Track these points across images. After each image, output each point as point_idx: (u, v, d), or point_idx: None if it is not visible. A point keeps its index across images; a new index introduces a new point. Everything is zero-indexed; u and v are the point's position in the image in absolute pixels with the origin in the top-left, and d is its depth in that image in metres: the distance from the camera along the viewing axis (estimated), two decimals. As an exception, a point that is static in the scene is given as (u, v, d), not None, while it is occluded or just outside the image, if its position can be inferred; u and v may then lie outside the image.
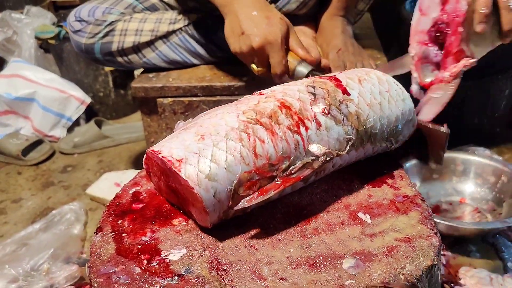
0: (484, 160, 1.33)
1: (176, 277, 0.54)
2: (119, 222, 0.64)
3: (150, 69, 1.22)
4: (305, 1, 1.13)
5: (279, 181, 0.58)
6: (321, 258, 0.55)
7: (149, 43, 1.17)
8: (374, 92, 0.66)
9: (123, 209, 0.67)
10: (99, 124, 1.84)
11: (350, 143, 0.62)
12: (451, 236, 1.17)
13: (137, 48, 1.17)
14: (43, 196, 1.53)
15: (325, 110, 0.61)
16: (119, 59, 1.19)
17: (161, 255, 0.58)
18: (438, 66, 0.80)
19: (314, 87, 0.63)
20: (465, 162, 1.35)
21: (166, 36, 1.17)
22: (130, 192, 0.71)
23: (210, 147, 0.58)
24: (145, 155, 0.65)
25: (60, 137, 1.85)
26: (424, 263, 0.54)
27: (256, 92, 0.68)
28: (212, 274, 0.54)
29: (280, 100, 0.62)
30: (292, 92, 0.63)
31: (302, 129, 0.60)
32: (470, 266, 1.12)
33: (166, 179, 0.63)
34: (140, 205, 0.67)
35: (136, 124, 1.88)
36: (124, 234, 0.62)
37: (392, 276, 0.52)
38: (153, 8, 1.21)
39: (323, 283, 0.52)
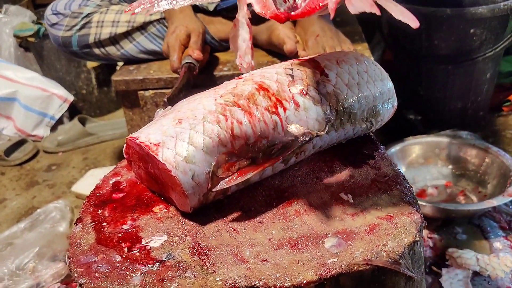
0: (467, 143, 1.34)
1: (157, 263, 0.54)
2: (99, 212, 0.63)
3: (131, 61, 1.21)
4: None
5: (257, 162, 0.58)
6: (303, 238, 0.55)
7: (126, 34, 1.16)
8: (352, 73, 0.66)
9: (103, 199, 0.66)
10: (83, 122, 1.82)
11: (329, 123, 0.62)
12: (437, 218, 1.18)
13: (114, 40, 1.16)
14: (27, 196, 1.52)
15: (303, 91, 0.61)
16: (97, 51, 1.18)
17: (142, 242, 0.57)
18: None
19: (292, 69, 0.63)
20: (449, 146, 1.36)
21: (143, 26, 1.17)
22: (111, 182, 0.70)
23: (187, 130, 0.57)
24: (125, 144, 0.65)
25: (44, 136, 1.82)
26: (406, 240, 0.54)
27: (236, 77, 0.67)
28: (194, 259, 0.54)
29: (258, 83, 0.61)
30: (270, 74, 0.63)
31: (280, 109, 0.59)
32: (456, 247, 1.13)
33: (145, 166, 0.62)
34: (121, 195, 0.67)
35: (120, 120, 1.86)
36: (104, 224, 0.61)
37: (374, 253, 0.52)
38: (130, 0, 1.20)
39: (305, 263, 0.52)
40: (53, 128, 1.84)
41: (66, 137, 1.77)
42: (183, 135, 0.57)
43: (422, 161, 1.36)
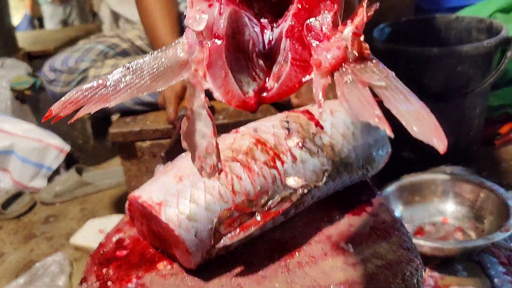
0: (461, 179, 1.36)
1: (163, 322, 0.54)
2: (104, 270, 0.64)
3: (127, 113, 1.24)
4: None
5: (259, 216, 0.59)
6: (308, 291, 0.56)
7: None
8: (347, 122, 0.68)
9: (107, 257, 0.66)
10: (79, 171, 1.83)
11: (326, 174, 0.63)
12: (437, 257, 1.18)
13: None
14: (25, 249, 1.51)
15: (299, 144, 0.62)
16: None
17: (148, 302, 0.57)
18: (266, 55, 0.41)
19: (288, 122, 0.65)
20: (444, 182, 1.37)
21: None
22: (114, 239, 0.70)
23: (188, 188, 0.59)
24: (127, 201, 0.66)
25: (41, 188, 1.83)
26: (407, 288, 0.55)
27: (233, 129, 0.69)
28: (199, 316, 0.54)
29: (255, 137, 0.63)
30: (267, 128, 0.65)
31: (278, 163, 0.61)
32: (458, 286, 1.13)
33: (148, 223, 0.63)
34: (125, 252, 0.67)
35: (117, 169, 1.87)
36: (109, 283, 0.61)
37: (377, 303, 0.53)
38: (124, 54, 1.24)
39: (310, 317, 0.52)
40: (50, 179, 1.85)
41: (63, 187, 1.77)
42: (184, 193, 0.58)
43: (418, 198, 1.37)
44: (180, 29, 1.20)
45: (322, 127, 0.66)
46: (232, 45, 0.38)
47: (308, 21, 0.37)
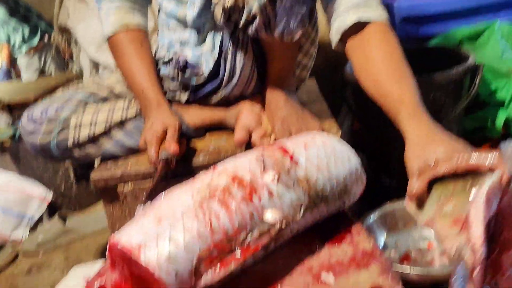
0: (443, 203, 1.37)
1: None
2: (86, 319, 0.63)
3: (107, 157, 1.24)
4: (245, 88, 1.22)
5: (239, 253, 0.59)
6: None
7: (105, 133, 1.19)
8: (320, 156, 0.69)
9: (88, 305, 0.66)
10: (63, 218, 1.81)
11: (303, 207, 0.64)
12: (425, 283, 1.18)
13: (93, 140, 1.19)
14: (8, 303, 1.47)
15: (275, 178, 0.64)
16: (76, 153, 1.20)
17: None
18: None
19: (263, 157, 0.66)
20: (426, 207, 1.38)
21: (121, 123, 1.20)
22: (95, 285, 0.70)
23: (167, 229, 0.59)
24: (107, 246, 0.65)
25: (23, 238, 1.80)
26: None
27: (212, 166, 0.70)
28: None
29: (232, 175, 0.64)
30: (243, 164, 0.66)
31: (255, 199, 0.62)
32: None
33: (129, 267, 0.63)
34: (107, 299, 0.67)
35: (102, 214, 1.85)
36: (90, 331, 0.61)
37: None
38: (104, 100, 1.25)
39: None
40: (33, 228, 1.82)
41: (46, 236, 1.74)
42: (163, 234, 0.59)
43: (402, 225, 1.37)
44: (159, 75, 1.22)
45: (296, 162, 0.67)
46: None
47: None
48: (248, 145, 1.14)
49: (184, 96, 1.25)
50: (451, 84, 1.48)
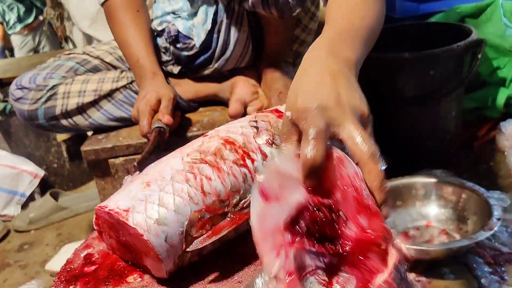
0: (442, 181, 1.34)
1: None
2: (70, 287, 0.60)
3: (99, 130, 1.20)
4: (239, 61, 1.18)
5: (231, 217, 0.56)
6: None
7: (93, 103, 1.16)
8: None
9: (74, 274, 0.63)
10: (55, 196, 1.78)
11: None
12: (423, 261, 1.16)
13: (81, 109, 1.16)
14: (-2, 279, 1.44)
15: (269, 141, 0.61)
16: (64, 122, 1.17)
17: (117, 316, 0.54)
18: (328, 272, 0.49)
19: (256, 121, 0.63)
20: (425, 185, 1.36)
21: (110, 94, 1.16)
22: (82, 255, 0.67)
23: (156, 192, 0.56)
24: (94, 215, 0.63)
25: (14, 215, 1.77)
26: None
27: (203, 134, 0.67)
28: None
29: (224, 138, 0.61)
30: (235, 128, 0.63)
31: (248, 161, 0.59)
32: (445, 288, 1.10)
33: (116, 235, 0.60)
34: (93, 267, 0.64)
35: (94, 191, 1.82)
36: (76, 301, 0.58)
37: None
38: (95, 70, 1.21)
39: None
40: (24, 206, 1.79)
41: (38, 213, 1.71)
42: (152, 197, 0.56)
43: (400, 203, 1.35)
44: (154, 45, 1.18)
45: None
46: (301, 271, 0.46)
47: (363, 257, 0.46)
48: None
49: (176, 69, 1.21)
50: (451, 60, 1.45)
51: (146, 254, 0.56)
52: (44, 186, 1.88)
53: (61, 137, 1.86)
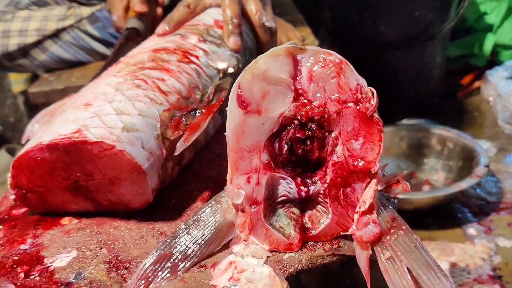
0: (426, 129, 1.27)
1: (62, 287, 0.41)
2: (-8, 232, 0.49)
3: (52, 70, 1.08)
4: None
5: (202, 112, 0.50)
6: (250, 233, 0.43)
7: (37, 44, 1.02)
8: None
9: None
10: (11, 152, 1.64)
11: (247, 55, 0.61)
12: (407, 211, 1.09)
13: (24, 51, 1.02)
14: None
15: (200, 39, 0.58)
16: (7, 64, 1.03)
17: (44, 263, 0.44)
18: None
19: (174, 32, 0.61)
20: (408, 134, 1.28)
21: (56, 34, 1.03)
22: (12, 197, 0.56)
23: (106, 105, 0.47)
24: (10, 169, 0.49)
25: (-32, 172, 1.63)
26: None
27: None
28: (111, 275, 0.41)
29: (150, 49, 0.54)
30: (154, 42, 0.58)
31: (193, 58, 0.55)
32: (429, 240, 1.04)
33: (64, 175, 0.47)
34: (23, 210, 0.53)
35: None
36: (-4, 247, 0.47)
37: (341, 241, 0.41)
38: (41, 2, 1.06)
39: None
40: (-22, 162, 1.66)
41: (-6, 170, 1.58)
42: (104, 110, 0.46)
43: (383, 153, 1.27)
44: None
45: (209, 24, 0.62)
46: (269, 202, 0.41)
47: (346, 188, 0.40)
48: None
49: None
50: (437, 1, 1.35)
51: (119, 177, 0.45)
52: (0, 142, 1.74)
53: (17, 88, 1.71)
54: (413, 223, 1.08)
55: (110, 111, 0.46)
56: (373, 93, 0.39)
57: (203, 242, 0.42)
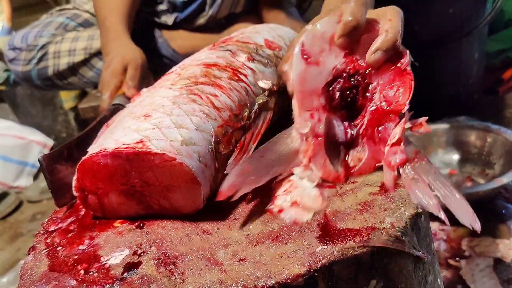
0: (465, 126, 1.26)
1: (117, 281, 0.45)
2: (54, 235, 0.55)
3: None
4: (233, 5, 1.11)
5: (250, 131, 0.56)
6: (285, 229, 0.47)
7: (85, 62, 1.10)
8: (274, 34, 0.70)
9: (58, 223, 0.58)
10: (65, 165, 1.74)
11: None
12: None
13: (73, 69, 1.10)
14: (11, 249, 1.42)
15: (249, 58, 0.61)
16: (59, 82, 1.12)
17: (101, 261, 0.48)
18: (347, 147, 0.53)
19: (222, 47, 0.63)
20: (447, 132, 1.28)
21: (100, 52, 1.10)
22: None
23: (165, 118, 0.51)
24: (76, 171, 0.52)
25: (26, 186, 1.74)
26: (406, 213, 0.46)
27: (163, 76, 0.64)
28: (160, 270, 0.45)
29: (202, 63, 0.57)
30: (206, 55, 0.62)
31: (242, 76, 0.58)
32: (473, 236, 1.03)
33: (123, 181, 0.51)
34: (80, 214, 0.58)
35: (105, 159, 1.79)
36: (59, 248, 0.52)
37: (371, 233, 0.43)
38: (86, 24, 1.15)
39: (290, 255, 0.43)
40: (36, 176, 1.77)
41: (49, 183, 1.68)
42: (164, 123, 0.50)
43: (422, 152, 1.27)
44: (136, 22, 1.05)
45: (258, 44, 0.66)
46: (326, 139, 0.51)
47: (380, 127, 0.51)
48: None
49: (171, 18, 1.13)
50: (473, -5, 1.34)
51: (175, 185, 0.49)
52: (55, 156, 1.84)
53: (68, 104, 1.81)
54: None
55: (170, 124, 0.51)
56: (406, 52, 0.52)
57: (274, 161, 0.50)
